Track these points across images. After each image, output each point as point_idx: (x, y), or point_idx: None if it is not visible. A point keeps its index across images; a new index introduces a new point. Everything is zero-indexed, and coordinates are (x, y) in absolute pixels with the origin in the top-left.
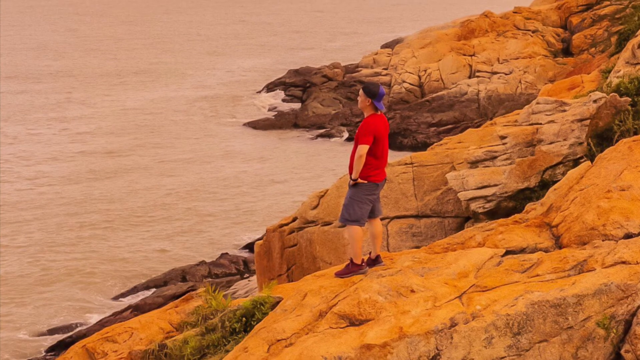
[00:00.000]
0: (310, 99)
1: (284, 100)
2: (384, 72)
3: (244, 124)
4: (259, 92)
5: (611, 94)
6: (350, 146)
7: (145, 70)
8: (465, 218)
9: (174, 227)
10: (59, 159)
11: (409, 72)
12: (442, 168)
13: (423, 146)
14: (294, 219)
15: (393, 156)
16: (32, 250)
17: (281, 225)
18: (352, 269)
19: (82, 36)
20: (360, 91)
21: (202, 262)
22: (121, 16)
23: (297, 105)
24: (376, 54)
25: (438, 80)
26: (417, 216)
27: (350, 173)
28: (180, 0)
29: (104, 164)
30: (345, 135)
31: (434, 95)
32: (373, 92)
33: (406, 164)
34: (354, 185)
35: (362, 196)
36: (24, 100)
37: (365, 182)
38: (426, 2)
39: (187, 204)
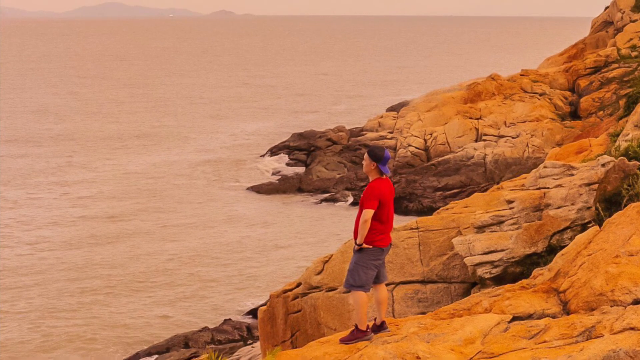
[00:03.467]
0: (315, 162)
1: (287, 164)
2: (390, 135)
3: (248, 188)
4: (263, 155)
5: (620, 158)
6: (355, 211)
7: (147, 134)
8: (472, 283)
9: (176, 292)
10: (59, 224)
11: (415, 136)
12: (448, 233)
13: (429, 211)
14: (298, 285)
15: (398, 221)
16: (33, 316)
17: (285, 291)
18: (357, 335)
19: (83, 99)
20: (366, 155)
21: (205, 328)
22: (123, 79)
23: (301, 169)
24: (381, 117)
25: (444, 144)
26: (423, 282)
27: (355, 238)
28: (183, 63)
29: (106, 228)
30: (350, 199)
31: (440, 159)
32: (378, 156)
33: (412, 228)
34: (359, 250)
35: (367, 261)
36: (24, 164)
37: (370, 247)
38: (432, 65)
39: (190, 269)
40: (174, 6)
